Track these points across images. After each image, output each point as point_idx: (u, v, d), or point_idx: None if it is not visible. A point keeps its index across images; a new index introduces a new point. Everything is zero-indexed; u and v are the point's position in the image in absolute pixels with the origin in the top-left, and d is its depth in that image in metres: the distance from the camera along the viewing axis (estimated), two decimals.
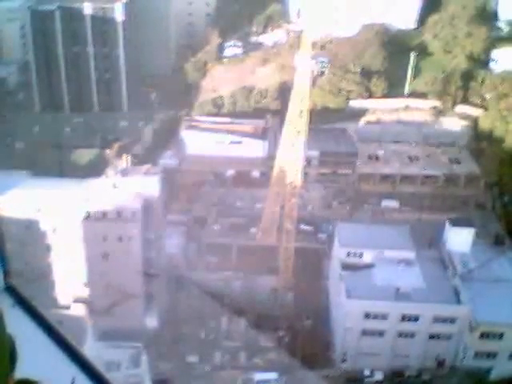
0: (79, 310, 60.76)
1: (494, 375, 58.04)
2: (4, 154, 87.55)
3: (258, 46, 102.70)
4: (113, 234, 59.14)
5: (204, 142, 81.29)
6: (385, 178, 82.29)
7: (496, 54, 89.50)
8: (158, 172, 66.12)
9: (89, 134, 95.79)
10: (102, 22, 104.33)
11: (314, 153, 78.72)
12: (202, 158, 79.70)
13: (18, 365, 3.46)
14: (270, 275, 68.73)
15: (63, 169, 77.74)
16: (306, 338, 61.85)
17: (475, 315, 55.58)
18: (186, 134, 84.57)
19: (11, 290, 4.85)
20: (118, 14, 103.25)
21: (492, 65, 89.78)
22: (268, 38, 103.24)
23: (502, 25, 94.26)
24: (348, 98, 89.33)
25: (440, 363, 59.42)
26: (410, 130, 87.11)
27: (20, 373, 3.45)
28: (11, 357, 3.41)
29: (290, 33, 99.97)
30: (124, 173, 65.78)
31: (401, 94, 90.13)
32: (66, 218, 59.19)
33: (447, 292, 58.07)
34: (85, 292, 62.05)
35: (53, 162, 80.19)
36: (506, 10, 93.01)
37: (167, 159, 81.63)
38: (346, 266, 60.69)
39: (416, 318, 57.09)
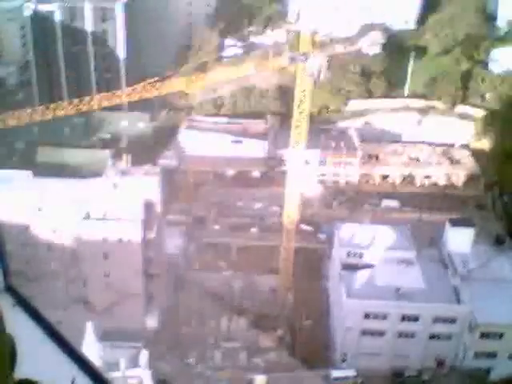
0: (79, 310, 60.75)
1: (493, 375, 58.04)
2: (4, 153, 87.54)
3: (258, 45, 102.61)
4: (113, 234, 59.15)
5: (204, 141, 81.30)
6: (385, 178, 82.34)
7: (496, 54, 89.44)
8: (157, 172, 66.10)
9: (89, 134, 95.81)
10: (102, 22, 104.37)
11: (314, 153, 78.69)
12: (202, 158, 79.71)
13: (17, 365, 3.46)
14: (269, 275, 68.74)
15: (63, 169, 77.74)
16: (305, 337, 61.86)
17: (475, 315, 55.58)
18: (186, 134, 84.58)
19: (11, 290, 4.85)
20: (118, 14, 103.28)
21: (492, 65, 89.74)
22: (268, 38, 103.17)
23: (501, 25, 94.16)
24: (348, 98, 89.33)
25: (440, 363, 59.41)
26: (409, 130, 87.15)
27: (20, 373, 3.45)
28: (11, 357, 3.41)
29: (290, 33, 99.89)
30: (124, 173, 65.78)
31: (400, 94, 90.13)
32: (66, 218, 59.19)
33: (447, 292, 58.07)
34: (85, 292, 62.07)
35: (53, 161, 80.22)
36: (506, 10, 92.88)
37: (167, 159, 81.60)
38: (345, 266, 60.69)
39: (416, 318, 57.09)
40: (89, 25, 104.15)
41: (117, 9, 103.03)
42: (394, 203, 78.11)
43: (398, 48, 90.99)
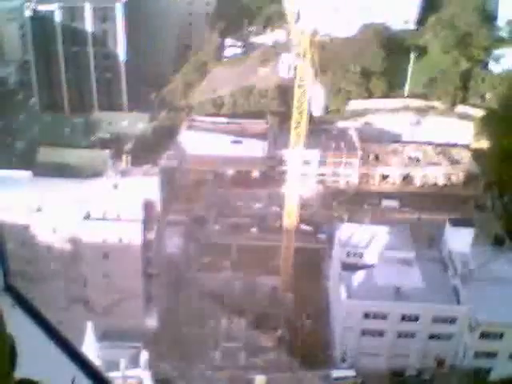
0: (79, 310, 60.77)
1: (493, 375, 58.03)
2: (4, 153, 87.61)
3: (258, 45, 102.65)
4: (113, 234, 59.17)
5: (204, 141, 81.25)
6: (385, 178, 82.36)
7: (496, 54, 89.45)
8: (157, 172, 66.16)
9: (89, 134, 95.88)
10: (102, 22, 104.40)
11: (314, 153, 78.69)
12: (202, 157, 79.68)
13: (17, 365, 3.46)
14: (269, 275, 68.74)
15: (63, 169, 77.81)
16: (305, 337, 61.87)
17: (475, 315, 55.58)
18: (186, 134, 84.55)
19: (11, 290, 4.85)
20: (118, 14, 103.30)
21: (492, 65, 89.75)
22: (268, 38, 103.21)
23: (501, 25, 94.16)
24: (348, 98, 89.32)
25: (440, 363, 59.41)
26: (409, 130, 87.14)
27: (20, 373, 3.46)
28: (11, 357, 3.42)
29: (290, 33, 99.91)
30: (124, 173, 65.85)
31: (400, 94, 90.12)
32: (66, 218, 59.22)
33: (447, 292, 58.07)
34: (85, 292, 62.08)
35: (53, 161, 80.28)
36: (506, 10, 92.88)
37: (167, 159, 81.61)
38: (345, 266, 60.69)
39: (416, 318, 57.08)
40: (89, 25, 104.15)
41: (117, 9, 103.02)
42: (393, 203, 78.10)
43: (397, 48, 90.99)
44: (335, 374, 58.40)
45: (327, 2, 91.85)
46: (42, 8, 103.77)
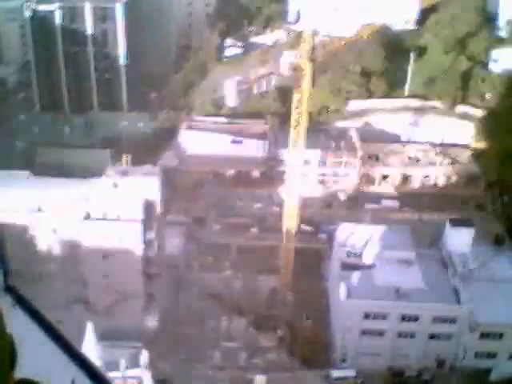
0: (79, 310, 60.77)
1: (494, 375, 58.03)
2: (4, 153, 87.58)
3: (258, 45, 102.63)
4: (113, 234, 59.17)
5: (204, 141, 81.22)
6: (385, 177, 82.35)
7: (496, 54, 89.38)
8: (157, 172, 66.15)
9: (89, 134, 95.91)
10: (102, 22, 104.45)
11: (314, 153, 78.67)
12: (202, 157, 79.64)
13: (17, 365, 3.46)
14: (269, 275, 68.73)
15: (63, 169, 77.80)
16: (305, 337, 61.85)
17: (475, 315, 55.58)
18: (185, 134, 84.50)
19: (11, 290, 4.85)
20: (118, 14, 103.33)
21: (492, 65, 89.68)
22: (268, 38, 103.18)
23: (501, 25, 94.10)
24: (348, 98, 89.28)
25: (440, 363, 59.40)
26: (409, 130, 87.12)
27: (20, 373, 3.46)
28: (11, 357, 3.41)
29: (290, 33, 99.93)
30: (124, 173, 65.79)
31: (400, 94, 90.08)
32: (66, 218, 59.22)
33: (447, 292, 58.06)
34: (85, 292, 62.08)
35: (53, 161, 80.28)
36: (506, 10, 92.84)
37: (167, 159, 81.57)
38: (345, 266, 60.68)
39: (416, 318, 57.08)
40: (89, 25, 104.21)
41: (117, 9, 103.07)
42: (393, 203, 78.09)
43: (397, 48, 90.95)
44: (335, 373, 58.41)
45: (327, 2, 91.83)
46: (42, 8, 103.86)
